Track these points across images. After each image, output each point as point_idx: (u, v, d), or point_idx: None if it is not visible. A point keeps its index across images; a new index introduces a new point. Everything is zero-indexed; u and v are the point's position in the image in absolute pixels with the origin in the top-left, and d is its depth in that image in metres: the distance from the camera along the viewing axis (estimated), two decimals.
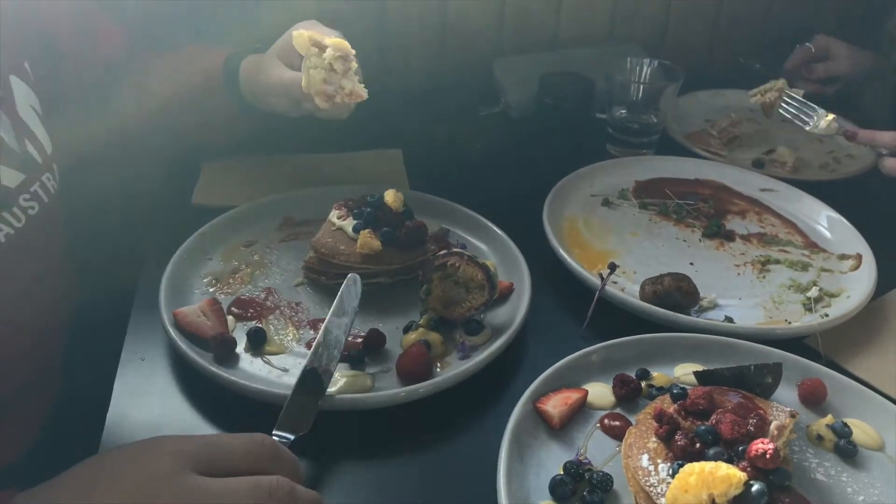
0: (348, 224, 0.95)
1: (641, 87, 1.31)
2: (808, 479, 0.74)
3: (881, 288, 1.01)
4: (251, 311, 0.93)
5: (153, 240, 1.05)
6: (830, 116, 1.22)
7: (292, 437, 0.72)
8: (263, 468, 0.63)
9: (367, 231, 0.93)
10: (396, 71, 1.51)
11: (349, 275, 0.85)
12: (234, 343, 0.86)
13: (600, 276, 0.96)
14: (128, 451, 0.63)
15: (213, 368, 0.80)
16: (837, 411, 0.82)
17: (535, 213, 1.10)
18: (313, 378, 0.77)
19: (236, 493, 0.60)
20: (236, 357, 0.85)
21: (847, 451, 0.77)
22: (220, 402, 0.80)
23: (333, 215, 0.98)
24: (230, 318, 0.91)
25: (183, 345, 0.83)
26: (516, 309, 0.91)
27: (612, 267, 0.97)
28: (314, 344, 0.79)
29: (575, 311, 0.96)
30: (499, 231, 1.05)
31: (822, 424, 0.79)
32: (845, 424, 0.78)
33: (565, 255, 1.01)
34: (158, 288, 0.90)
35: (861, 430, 0.79)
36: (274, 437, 0.70)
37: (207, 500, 0.59)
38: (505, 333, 0.87)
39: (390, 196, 0.97)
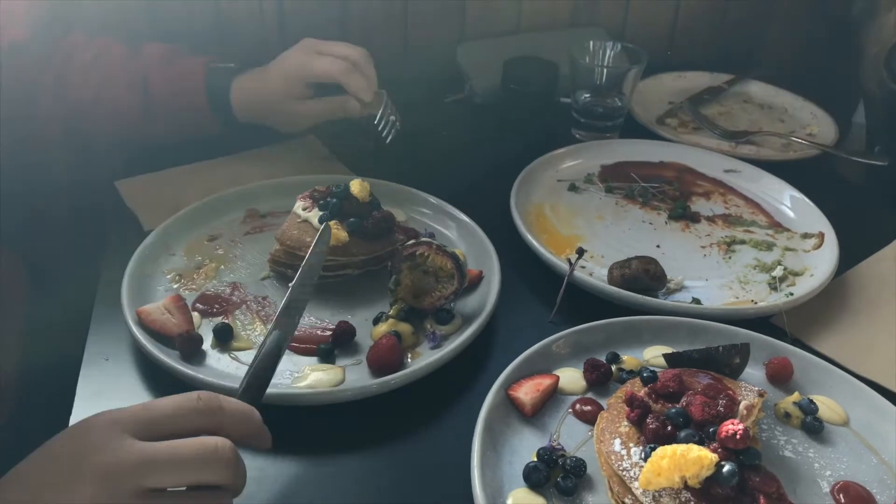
0: (314, 215, 0.94)
1: (605, 70, 1.31)
2: (777, 456, 0.75)
3: (843, 265, 1.03)
4: (217, 306, 0.91)
5: (113, 236, 1.03)
6: None
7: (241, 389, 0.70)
8: (206, 423, 0.61)
9: (333, 222, 0.92)
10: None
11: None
12: (200, 340, 0.84)
13: (568, 261, 0.97)
14: (64, 434, 0.61)
15: (180, 367, 0.79)
16: (803, 388, 0.83)
17: (502, 200, 1.10)
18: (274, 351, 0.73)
19: (180, 455, 0.57)
20: (203, 354, 0.84)
21: (814, 427, 0.78)
22: None
23: (298, 207, 0.96)
24: (195, 314, 0.89)
25: (148, 343, 0.81)
26: (486, 297, 0.91)
27: (580, 252, 0.97)
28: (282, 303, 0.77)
29: (544, 296, 0.96)
30: (467, 219, 1.04)
31: (789, 402, 0.80)
32: (811, 401, 0.80)
33: (534, 242, 1.01)
34: (120, 286, 0.88)
35: (826, 407, 0.80)
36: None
37: (153, 461, 0.57)
38: (475, 322, 0.87)
39: (356, 186, 0.96)
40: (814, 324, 0.95)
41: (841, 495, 0.72)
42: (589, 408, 0.79)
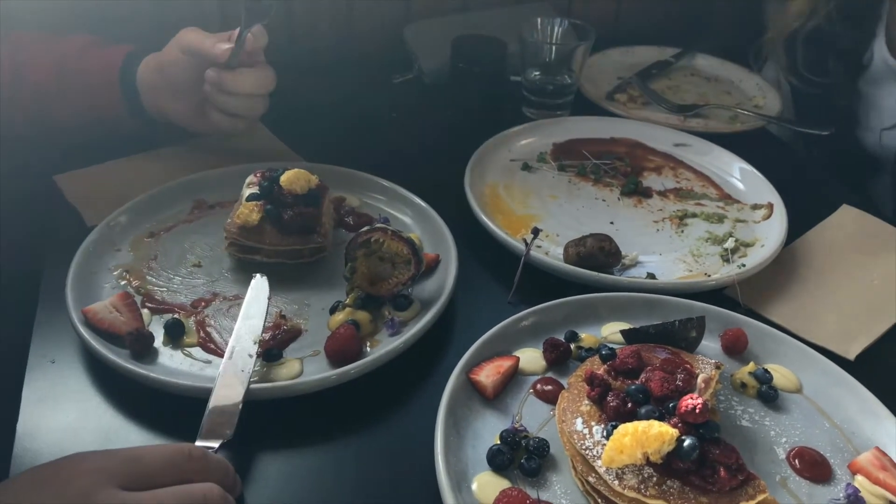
0: (247, 192, 0.93)
1: (554, 47, 1.31)
2: (735, 426, 0.77)
3: (792, 235, 1.05)
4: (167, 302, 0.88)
5: (55, 233, 0.99)
6: None
7: (216, 446, 0.69)
8: (191, 480, 0.61)
9: (252, 203, 0.90)
10: (303, 41, 1.46)
11: (254, 277, 0.84)
12: (151, 338, 0.81)
13: (524, 241, 0.96)
14: (43, 472, 0.59)
15: (131, 366, 0.76)
16: (758, 358, 0.85)
17: (456, 182, 1.09)
18: (230, 383, 0.74)
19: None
20: (155, 352, 0.81)
21: (769, 395, 0.79)
22: (141, 401, 0.77)
23: (246, 184, 0.96)
24: (145, 311, 0.86)
25: (96, 344, 0.78)
26: (444, 281, 0.90)
27: (535, 231, 0.97)
28: (227, 349, 0.77)
29: (502, 278, 0.96)
30: (421, 202, 1.03)
31: (744, 372, 0.82)
32: (766, 370, 0.81)
33: (489, 223, 1.00)
34: (64, 285, 0.85)
35: (780, 375, 0.82)
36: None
37: None
38: (434, 306, 0.86)
39: (286, 177, 0.93)
40: (765, 293, 0.97)
41: (796, 460, 0.73)
42: (550, 387, 0.79)
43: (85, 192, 1.06)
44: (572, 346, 0.84)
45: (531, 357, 0.83)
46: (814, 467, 0.73)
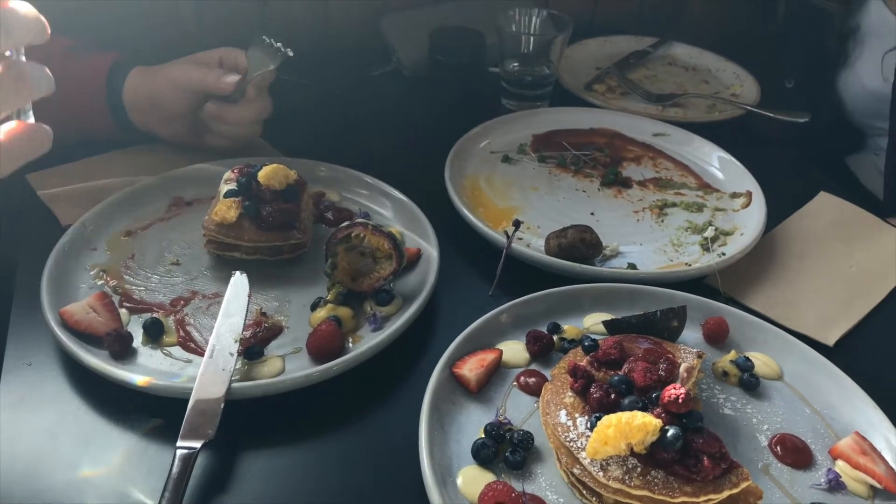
0: (224, 188, 0.92)
1: (532, 38, 1.30)
2: (718, 415, 0.77)
3: (770, 223, 1.05)
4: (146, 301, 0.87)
5: (29, 233, 0.97)
6: None
7: (198, 446, 0.69)
8: None
9: (230, 199, 0.90)
10: (280, 34, 1.44)
11: (233, 275, 0.83)
12: (130, 338, 0.80)
13: (506, 233, 0.96)
14: None
15: (110, 367, 0.75)
16: (739, 346, 0.85)
17: (436, 175, 1.08)
18: (211, 382, 0.74)
19: None
20: (134, 352, 0.80)
21: (750, 383, 0.80)
22: (121, 402, 0.76)
23: (224, 180, 0.94)
24: (123, 311, 0.85)
25: (73, 345, 0.77)
26: (425, 275, 0.90)
27: (517, 224, 0.97)
28: (207, 348, 0.76)
29: (484, 271, 0.96)
30: (402, 196, 1.02)
31: (726, 361, 0.82)
32: (747, 358, 0.82)
33: (470, 216, 1.00)
34: (40, 286, 0.84)
35: (762, 362, 0.82)
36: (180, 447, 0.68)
37: None
38: (416, 301, 0.86)
39: (264, 173, 0.92)
40: (745, 281, 0.97)
41: (778, 447, 0.74)
42: (533, 380, 0.79)
43: (59, 190, 1.04)
44: (555, 337, 0.84)
45: (514, 350, 0.83)
46: (795, 454, 0.73)
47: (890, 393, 0.78)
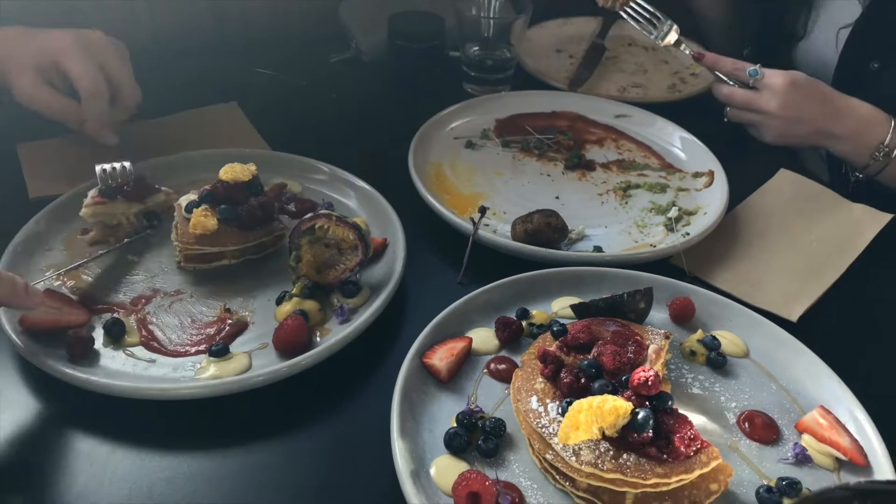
0: (184, 200, 0.89)
1: (492, 21, 1.29)
2: (687, 394, 0.78)
3: (733, 201, 1.06)
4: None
5: None
6: (675, 31, 1.24)
7: None
8: None
9: (201, 209, 0.87)
10: (233, 20, 1.41)
11: None
12: (90, 340, 0.78)
13: (472, 220, 0.96)
14: None
15: (71, 371, 0.74)
16: (706, 325, 0.86)
17: (399, 162, 1.07)
18: None
19: None
20: (96, 354, 0.78)
21: (718, 362, 0.81)
22: (84, 406, 0.74)
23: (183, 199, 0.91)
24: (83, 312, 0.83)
25: (31, 349, 0.75)
26: (392, 264, 0.89)
27: (483, 210, 0.97)
28: None
29: (451, 258, 0.95)
30: (365, 185, 1.01)
31: (693, 340, 0.83)
32: (714, 337, 0.83)
33: (436, 203, 0.99)
34: None
35: (728, 341, 0.83)
36: None
37: None
38: (383, 291, 0.85)
39: (225, 171, 0.89)
40: (710, 260, 0.98)
41: (746, 424, 0.75)
42: (504, 366, 0.79)
43: (38, 163, 1.02)
44: (524, 323, 0.84)
45: (484, 337, 0.82)
46: (763, 430, 0.74)
47: (853, 366, 0.79)
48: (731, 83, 1.17)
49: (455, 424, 0.72)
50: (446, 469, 0.68)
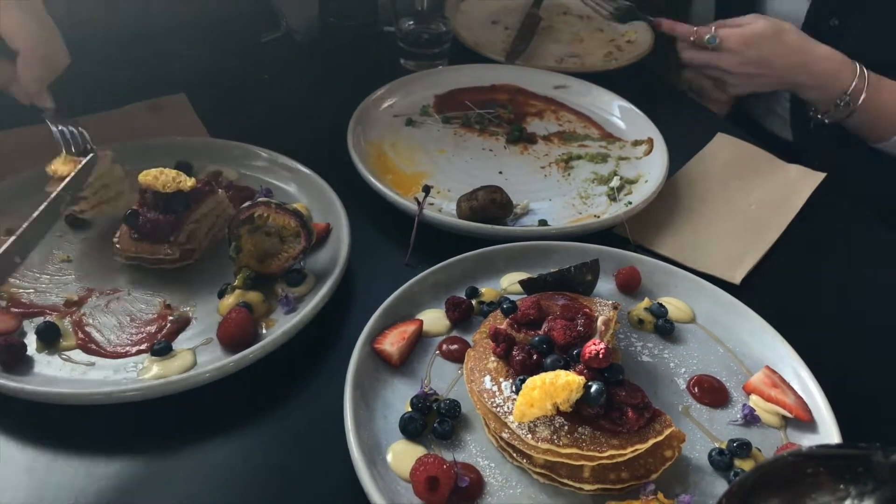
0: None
1: None
2: (637, 363, 0.79)
3: (673, 168, 1.07)
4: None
5: None
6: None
7: None
8: None
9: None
10: (160, 1, 1.35)
11: None
12: (22, 346, 0.75)
13: (416, 200, 0.94)
14: None
15: (3, 381, 0.70)
16: (652, 293, 0.87)
17: (338, 143, 1.05)
18: None
19: None
20: (30, 361, 0.75)
21: (665, 328, 0.82)
22: (22, 415, 0.71)
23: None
24: (12, 318, 0.79)
25: None
26: (337, 250, 0.87)
27: (427, 189, 0.95)
28: None
29: (397, 240, 0.94)
30: (304, 169, 0.98)
31: (640, 308, 0.84)
32: (661, 304, 0.84)
33: (378, 185, 0.97)
34: None
35: (674, 307, 0.84)
36: None
37: None
38: (329, 278, 0.83)
39: (144, 174, 0.84)
40: (653, 228, 0.99)
41: (696, 388, 0.76)
42: (455, 346, 0.79)
43: None
44: (474, 302, 0.83)
45: (434, 318, 0.82)
46: (712, 393, 0.76)
47: (795, 325, 0.81)
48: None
49: (409, 409, 0.71)
50: (403, 454, 0.68)
